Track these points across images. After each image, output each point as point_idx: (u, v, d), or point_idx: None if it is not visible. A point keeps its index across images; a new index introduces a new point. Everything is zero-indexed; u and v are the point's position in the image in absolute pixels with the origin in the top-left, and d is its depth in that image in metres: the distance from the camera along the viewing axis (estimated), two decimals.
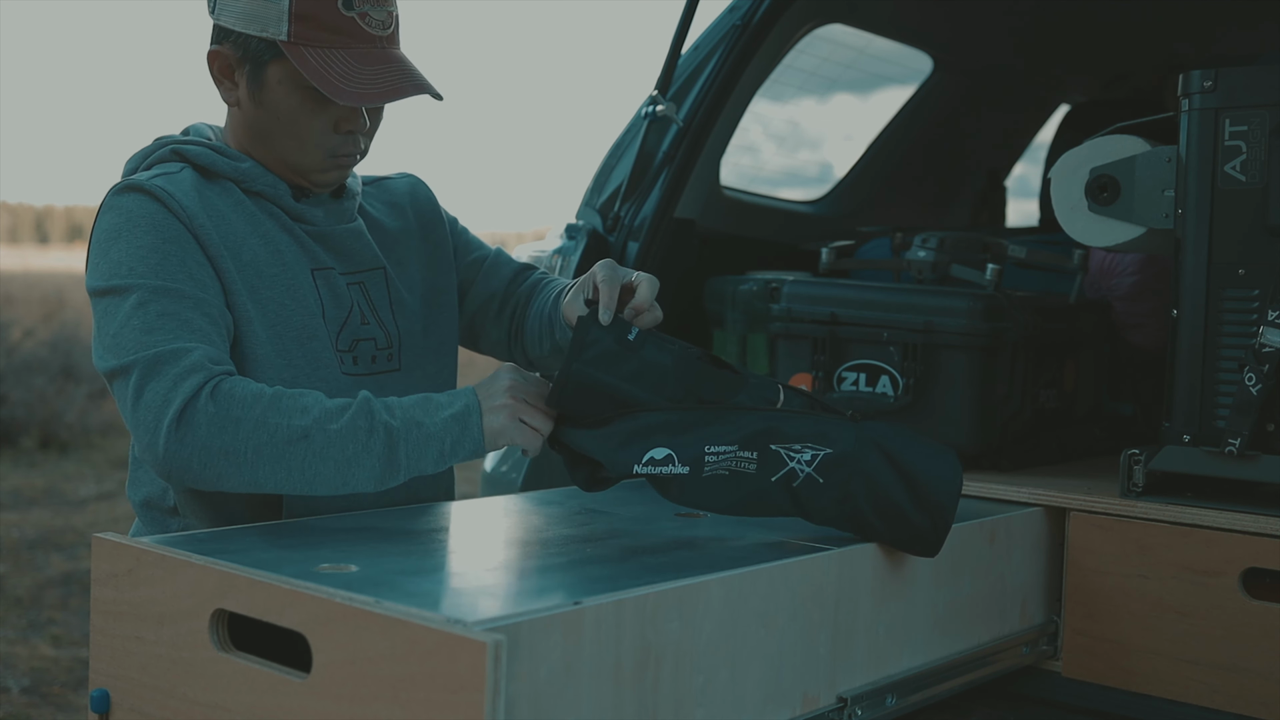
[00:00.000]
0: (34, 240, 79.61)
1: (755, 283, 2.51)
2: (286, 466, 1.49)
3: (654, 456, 1.47)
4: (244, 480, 1.50)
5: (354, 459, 1.50)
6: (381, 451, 1.50)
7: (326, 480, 1.50)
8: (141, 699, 1.34)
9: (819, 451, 1.49)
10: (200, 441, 1.48)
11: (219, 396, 1.49)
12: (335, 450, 1.49)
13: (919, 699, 1.64)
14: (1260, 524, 1.73)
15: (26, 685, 3.85)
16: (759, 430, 1.48)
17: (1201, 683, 1.78)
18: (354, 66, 1.63)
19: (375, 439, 1.50)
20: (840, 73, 3.21)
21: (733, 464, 1.47)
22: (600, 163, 2.59)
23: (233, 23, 1.65)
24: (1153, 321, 2.38)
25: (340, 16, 1.63)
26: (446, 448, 1.53)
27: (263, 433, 1.48)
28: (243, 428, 1.48)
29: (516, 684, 1.12)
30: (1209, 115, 1.83)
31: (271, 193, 1.71)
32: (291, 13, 1.61)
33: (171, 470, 1.50)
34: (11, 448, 7.57)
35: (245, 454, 1.48)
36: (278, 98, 1.66)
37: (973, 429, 2.07)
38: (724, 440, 1.47)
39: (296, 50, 1.62)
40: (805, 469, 1.48)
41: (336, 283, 1.74)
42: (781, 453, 1.48)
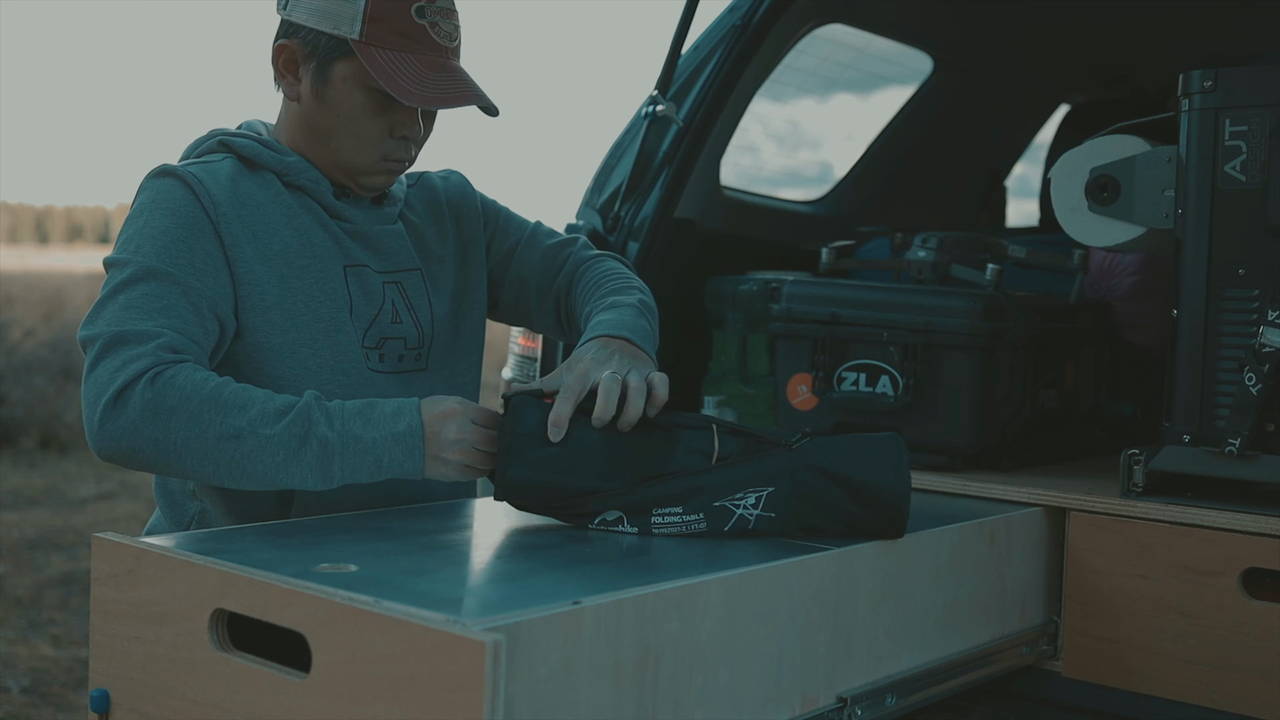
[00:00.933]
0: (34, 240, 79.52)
1: (755, 283, 2.51)
2: (214, 463, 1.50)
3: (606, 519, 1.53)
4: (173, 469, 1.51)
5: (283, 465, 1.50)
6: (314, 463, 1.51)
7: (255, 480, 1.51)
8: (141, 699, 1.34)
9: (761, 492, 1.52)
10: (131, 425, 1.48)
11: (159, 383, 1.49)
12: (266, 455, 1.50)
13: (919, 699, 1.64)
14: (1260, 524, 1.73)
15: (26, 685, 3.85)
16: (699, 490, 1.52)
17: (1201, 683, 1.78)
18: (421, 71, 1.66)
19: (308, 450, 1.50)
20: (840, 73, 3.21)
21: (681, 528, 1.52)
22: (600, 163, 2.59)
23: (304, 18, 1.68)
24: (1153, 321, 2.38)
25: (412, 23, 1.66)
26: (384, 463, 1.53)
27: (194, 426, 1.48)
28: (175, 418, 1.48)
29: (516, 684, 1.12)
30: (1209, 115, 1.83)
31: (313, 188, 1.73)
32: (366, 13, 1.65)
33: (101, 449, 1.50)
34: (11, 448, 7.57)
35: (174, 444, 1.48)
36: (341, 95, 1.69)
37: (973, 429, 2.07)
38: (669, 504, 1.51)
39: (367, 50, 1.65)
40: (753, 512, 1.52)
41: (370, 280, 1.76)
42: (727, 505, 1.52)
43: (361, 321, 1.74)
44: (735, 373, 2.53)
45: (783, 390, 2.23)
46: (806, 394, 2.19)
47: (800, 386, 2.20)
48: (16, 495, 6.49)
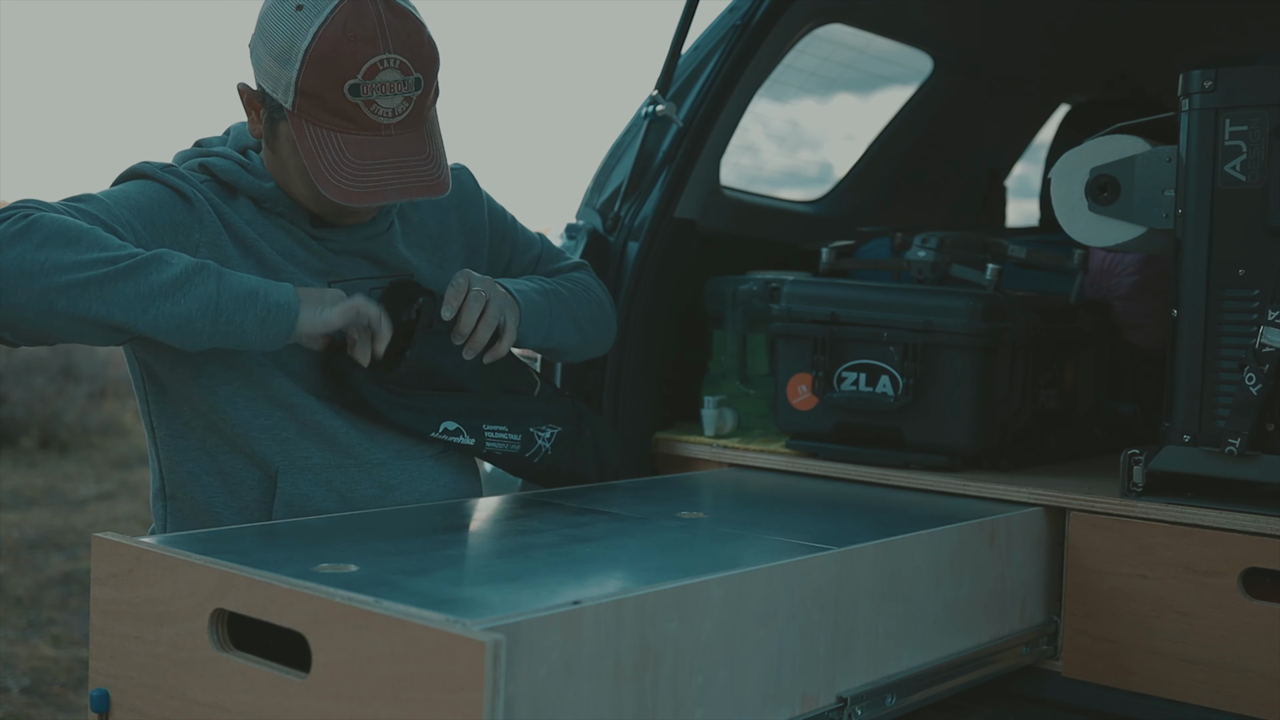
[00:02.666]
0: None
1: (755, 283, 2.51)
2: (80, 282, 1.43)
3: (447, 428, 1.76)
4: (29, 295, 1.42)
5: (144, 269, 1.47)
6: (181, 271, 1.49)
7: (124, 297, 1.45)
8: (141, 699, 1.34)
9: (556, 429, 1.88)
10: (8, 247, 1.42)
11: (34, 216, 1.46)
12: (150, 274, 1.47)
13: (919, 699, 1.64)
14: (1260, 524, 1.73)
15: (26, 685, 3.85)
16: (521, 414, 1.84)
17: (1201, 683, 1.78)
18: (345, 157, 1.58)
19: (173, 263, 1.49)
20: (840, 73, 3.21)
21: (505, 445, 1.82)
22: (600, 163, 2.59)
23: (256, 70, 1.64)
24: (1153, 321, 2.38)
25: (344, 101, 1.57)
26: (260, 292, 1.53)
27: (63, 249, 1.44)
28: (47, 244, 1.44)
29: (516, 683, 1.12)
30: (1209, 115, 1.83)
31: (290, 216, 1.71)
32: (297, 86, 1.57)
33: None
34: (11, 448, 7.57)
35: (36, 262, 1.43)
36: (287, 154, 1.65)
37: (973, 429, 2.07)
38: (499, 421, 1.81)
39: (298, 123, 1.59)
40: (546, 445, 1.87)
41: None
42: (534, 433, 1.85)
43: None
44: (735, 373, 2.53)
45: (783, 390, 2.23)
46: (806, 394, 2.19)
47: (800, 386, 2.20)
48: (16, 495, 6.49)
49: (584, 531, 1.56)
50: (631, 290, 2.41)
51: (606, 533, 1.56)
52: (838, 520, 1.83)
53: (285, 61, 1.57)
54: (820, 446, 2.18)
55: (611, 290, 2.42)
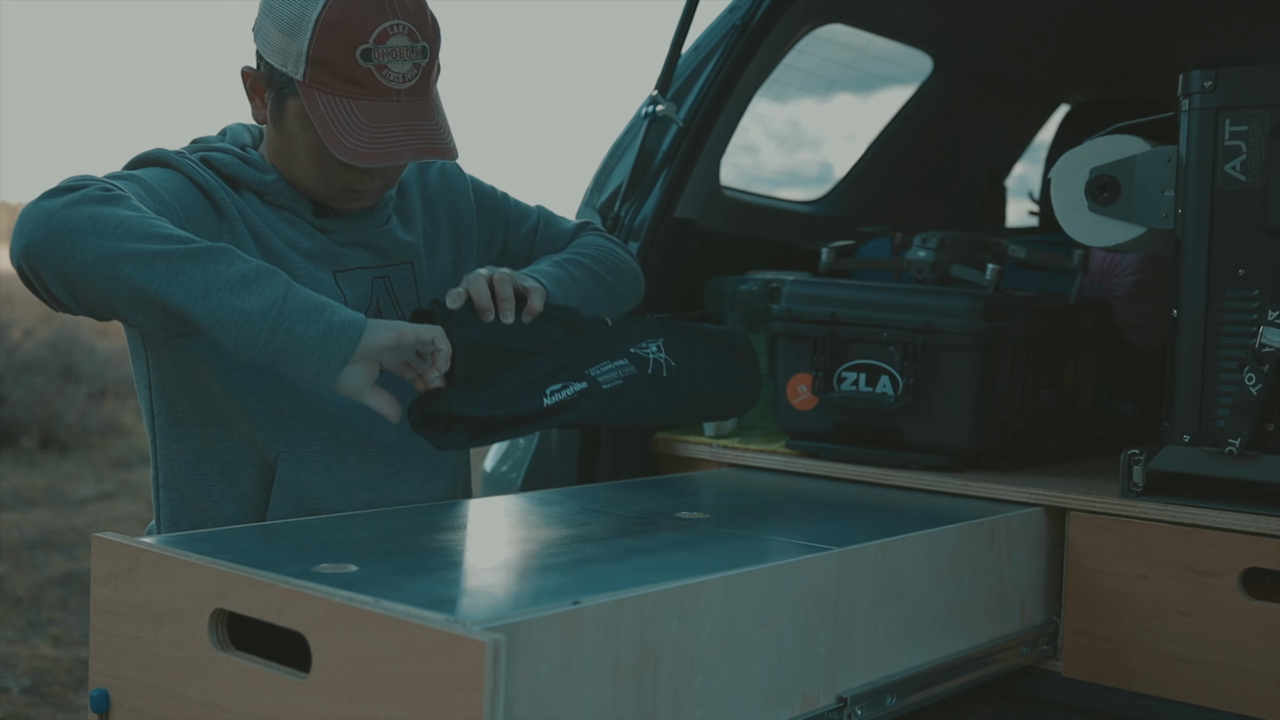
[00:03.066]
0: None
1: (755, 283, 2.51)
2: (147, 256, 1.42)
3: (553, 388, 1.61)
4: (98, 253, 1.41)
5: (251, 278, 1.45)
6: (251, 270, 1.46)
7: (189, 279, 1.43)
8: (141, 699, 1.34)
9: (658, 340, 1.74)
10: (71, 202, 1.43)
11: (110, 194, 1.45)
12: (221, 264, 1.45)
13: (919, 699, 1.64)
14: (1260, 524, 1.73)
15: (26, 685, 3.85)
16: (616, 340, 1.70)
17: (1201, 683, 1.78)
18: (359, 121, 1.60)
19: (276, 276, 1.47)
20: (840, 73, 3.21)
21: (619, 374, 1.67)
22: (600, 163, 2.59)
23: (263, 49, 1.66)
24: (1153, 321, 2.38)
25: (357, 67, 1.59)
26: (327, 313, 1.49)
27: (142, 223, 1.43)
28: (122, 211, 1.43)
29: (516, 684, 1.12)
30: (1209, 115, 1.83)
31: (293, 207, 1.72)
32: (309, 55, 1.59)
33: (25, 227, 1.43)
34: (11, 448, 7.57)
35: (111, 224, 1.42)
36: (295, 131, 1.66)
37: (973, 429, 2.07)
38: (601, 359, 1.66)
39: (310, 93, 1.61)
40: (661, 355, 1.73)
41: (361, 280, 1.76)
42: (639, 352, 1.71)
43: None
44: None
45: (783, 390, 2.23)
46: (806, 394, 2.19)
47: (800, 386, 2.20)
48: (16, 495, 6.49)
49: (584, 531, 1.56)
50: None
51: (606, 533, 1.56)
52: (838, 520, 1.84)
53: (295, 33, 1.59)
54: (820, 446, 2.18)
55: None
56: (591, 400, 1.64)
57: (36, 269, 1.44)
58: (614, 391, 1.66)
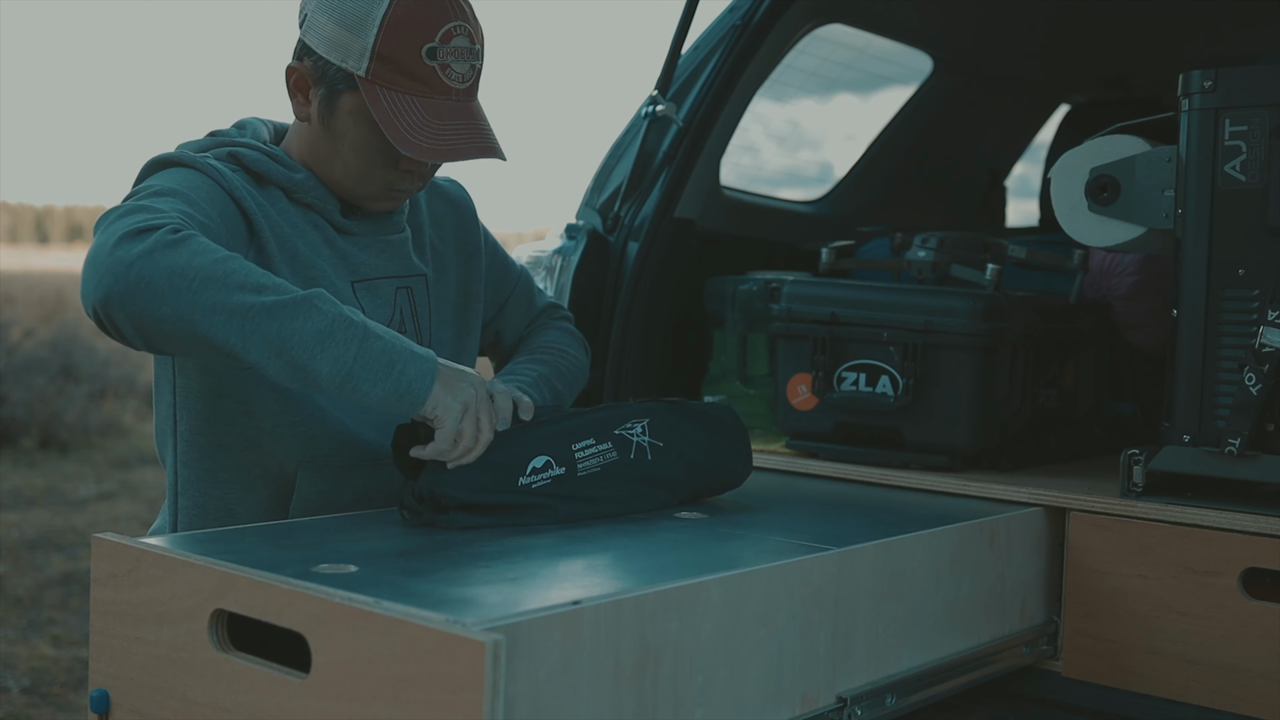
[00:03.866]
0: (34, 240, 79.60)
1: (755, 283, 2.51)
2: (226, 308, 1.41)
3: (535, 465, 1.57)
4: (174, 311, 1.41)
5: (302, 328, 1.42)
6: (328, 323, 1.44)
7: (258, 336, 1.42)
8: (141, 699, 1.34)
9: (643, 421, 1.69)
10: (147, 251, 1.41)
11: (183, 235, 1.44)
12: (287, 313, 1.42)
13: (919, 699, 1.64)
14: (1260, 524, 1.73)
15: (26, 685, 3.85)
16: (598, 422, 1.65)
17: (1201, 683, 1.78)
18: (424, 118, 1.61)
19: (330, 324, 1.44)
20: (840, 73, 3.21)
21: (600, 459, 1.63)
22: (600, 163, 2.59)
23: (317, 44, 1.64)
24: (1153, 321, 2.38)
25: (422, 65, 1.61)
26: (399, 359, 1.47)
27: (217, 269, 1.42)
28: (198, 257, 1.42)
29: (516, 684, 1.12)
30: (1209, 115, 1.83)
31: (320, 205, 1.72)
32: (374, 51, 1.60)
33: (103, 278, 1.41)
34: (11, 448, 7.57)
35: (190, 275, 1.41)
36: (347, 127, 1.66)
37: (973, 429, 2.07)
38: (583, 436, 1.62)
39: (372, 89, 1.61)
40: (645, 438, 1.68)
41: (382, 290, 1.76)
42: (624, 434, 1.66)
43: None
44: (735, 373, 2.53)
45: (783, 390, 2.23)
46: (806, 394, 2.19)
47: (800, 386, 2.20)
48: (16, 495, 6.49)
49: (584, 531, 1.56)
50: (631, 290, 2.41)
51: (606, 533, 1.56)
52: (838, 520, 1.83)
53: (359, 29, 1.60)
54: (820, 446, 2.18)
55: (611, 290, 2.42)
56: (561, 485, 1.59)
57: (114, 319, 1.43)
58: (587, 479, 1.61)
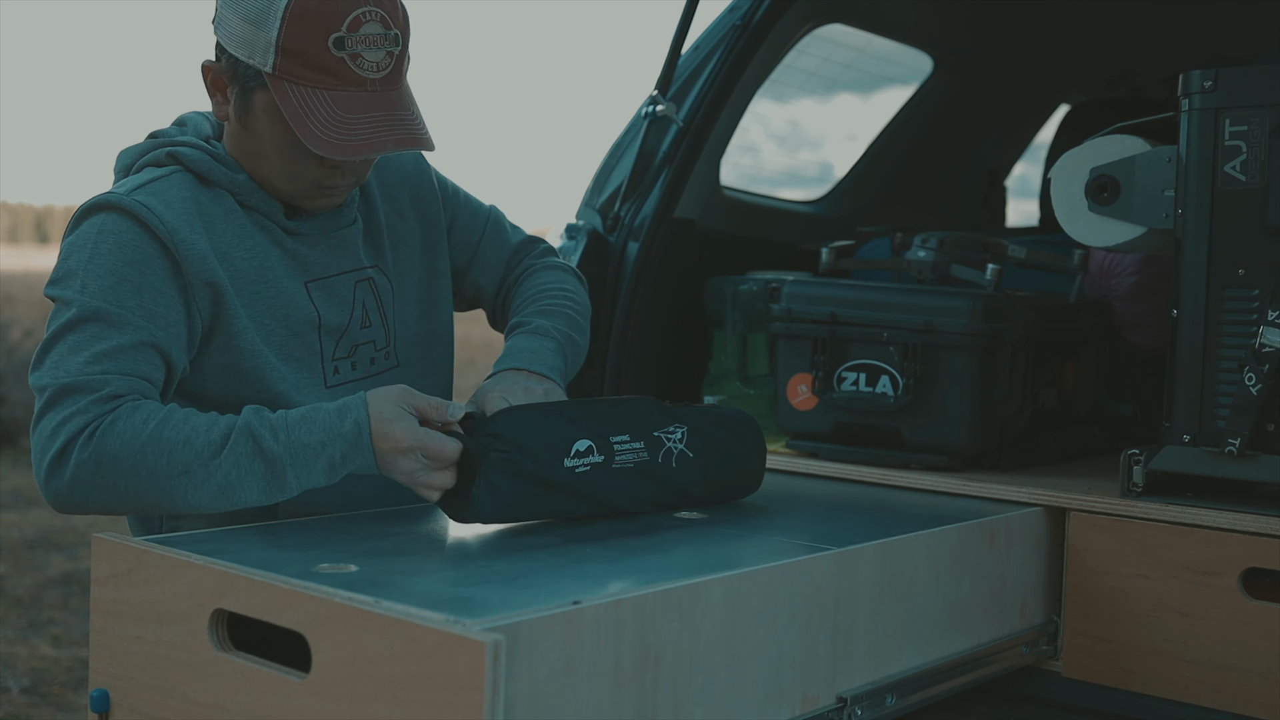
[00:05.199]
0: (34, 240, 79.61)
1: (755, 283, 2.51)
2: (170, 498, 1.48)
3: (579, 449, 1.58)
4: (128, 509, 1.52)
5: (237, 487, 1.48)
6: (265, 478, 1.48)
7: (212, 504, 1.49)
8: (141, 699, 1.34)
9: (682, 428, 1.69)
10: (74, 483, 1.49)
11: (98, 437, 1.48)
12: (217, 479, 1.47)
13: (919, 699, 1.64)
14: (1260, 524, 1.73)
15: (26, 685, 3.85)
16: (637, 418, 1.66)
17: (1201, 683, 1.78)
18: (334, 113, 1.54)
19: (257, 467, 1.48)
20: (840, 73, 3.21)
21: (633, 456, 1.63)
22: (600, 163, 2.59)
23: (227, 41, 1.59)
24: (1153, 321, 2.38)
25: (329, 56, 1.54)
26: (336, 462, 1.50)
27: (141, 470, 1.47)
28: (120, 467, 1.47)
29: (516, 684, 1.12)
30: (1209, 115, 1.83)
31: (265, 208, 1.68)
32: (279, 46, 1.53)
33: (56, 505, 1.51)
34: (11, 448, 7.57)
35: (126, 491, 1.48)
36: (263, 126, 1.61)
37: (973, 429, 2.07)
38: (621, 431, 1.62)
39: (280, 85, 1.55)
40: (679, 446, 1.68)
41: (339, 288, 1.72)
42: (660, 436, 1.66)
43: (332, 334, 1.71)
44: (735, 373, 2.53)
45: (783, 390, 2.23)
46: (806, 394, 2.19)
47: (800, 386, 2.20)
48: (16, 495, 6.49)
49: (584, 531, 1.56)
50: (631, 290, 2.41)
51: (606, 533, 1.56)
52: (838, 520, 1.83)
53: (262, 23, 1.53)
54: (820, 446, 2.18)
55: (611, 290, 2.42)
56: (599, 472, 1.60)
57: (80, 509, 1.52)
58: (620, 473, 1.62)
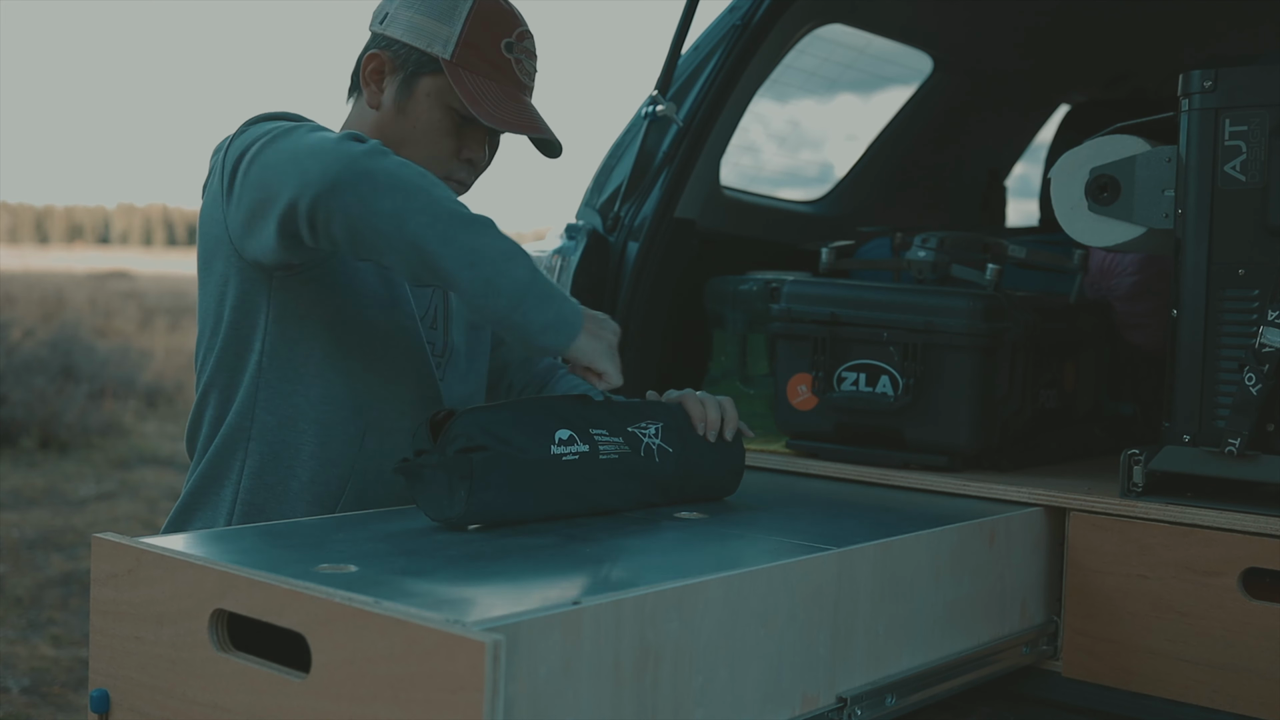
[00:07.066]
0: (34, 240, 79.62)
1: (755, 283, 2.51)
2: (433, 214, 1.50)
3: (561, 437, 1.60)
4: (393, 206, 1.50)
5: (510, 254, 1.53)
6: (531, 271, 1.54)
7: (461, 245, 1.51)
8: (141, 699, 1.34)
9: (657, 424, 1.73)
10: (371, 150, 1.52)
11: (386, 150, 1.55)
12: (485, 236, 1.53)
13: (919, 699, 1.64)
14: (1260, 524, 1.73)
15: (26, 685, 3.85)
16: (613, 414, 1.69)
17: (1201, 683, 1.78)
18: (501, 99, 1.78)
19: (527, 257, 1.55)
20: (840, 73, 3.21)
21: (613, 450, 1.66)
22: (600, 163, 2.59)
23: (400, 34, 1.79)
24: (1153, 321, 2.38)
25: (501, 55, 1.79)
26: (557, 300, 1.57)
27: (424, 180, 1.53)
28: (406, 169, 1.53)
29: (515, 684, 1.12)
30: (1209, 115, 1.83)
31: None
32: (461, 38, 1.77)
33: (331, 165, 1.50)
34: (11, 448, 7.58)
35: (404, 180, 1.51)
36: (421, 109, 1.79)
37: (973, 429, 2.07)
38: (599, 425, 1.66)
39: (455, 70, 1.76)
40: (656, 441, 1.71)
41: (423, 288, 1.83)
42: (636, 432, 1.70)
43: (421, 321, 1.83)
44: (735, 373, 2.53)
45: (783, 390, 2.23)
46: (806, 394, 2.19)
47: (800, 386, 2.20)
48: (16, 495, 6.49)
49: (584, 531, 1.56)
50: (631, 290, 2.41)
51: (606, 533, 1.56)
52: (838, 520, 1.84)
53: (448, 18, 1.78)
54: (820, 446, 2.19)
55: (611, 290, 2.43)
56: (584, 461, 1.63)
57: (330, 208, 1.51)
58: (608, 465, 1.65)
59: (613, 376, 1.63)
